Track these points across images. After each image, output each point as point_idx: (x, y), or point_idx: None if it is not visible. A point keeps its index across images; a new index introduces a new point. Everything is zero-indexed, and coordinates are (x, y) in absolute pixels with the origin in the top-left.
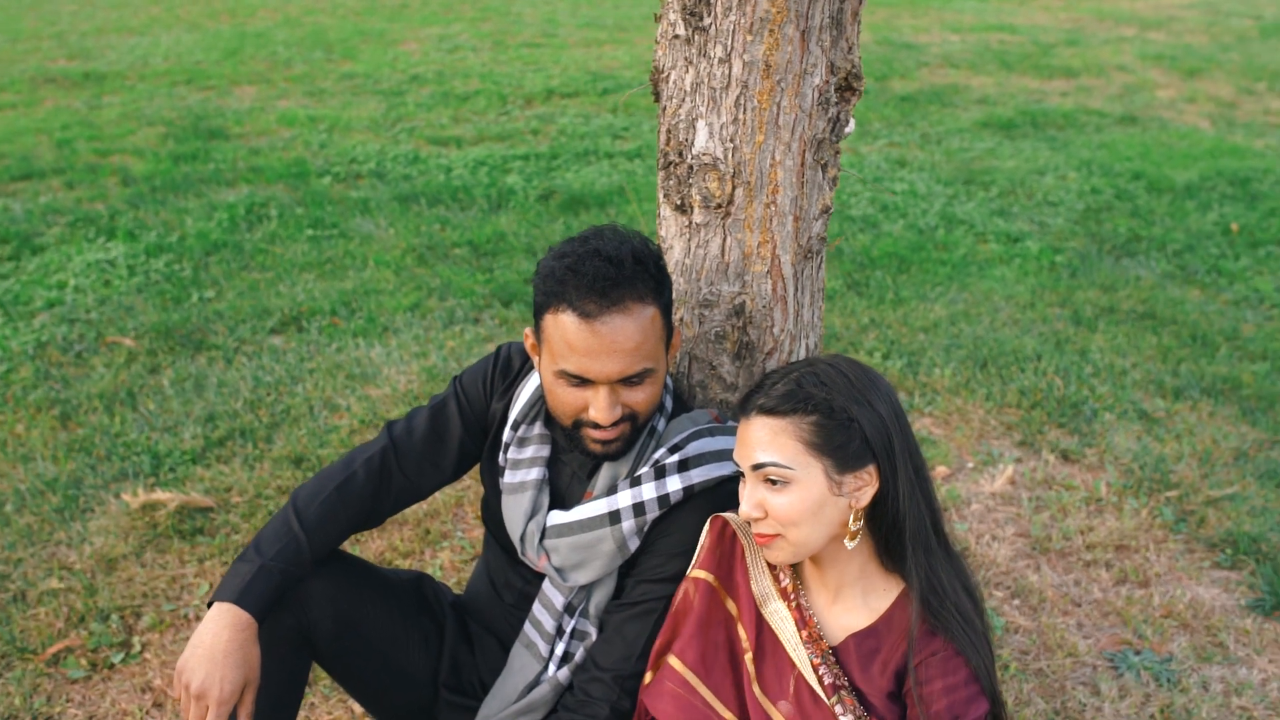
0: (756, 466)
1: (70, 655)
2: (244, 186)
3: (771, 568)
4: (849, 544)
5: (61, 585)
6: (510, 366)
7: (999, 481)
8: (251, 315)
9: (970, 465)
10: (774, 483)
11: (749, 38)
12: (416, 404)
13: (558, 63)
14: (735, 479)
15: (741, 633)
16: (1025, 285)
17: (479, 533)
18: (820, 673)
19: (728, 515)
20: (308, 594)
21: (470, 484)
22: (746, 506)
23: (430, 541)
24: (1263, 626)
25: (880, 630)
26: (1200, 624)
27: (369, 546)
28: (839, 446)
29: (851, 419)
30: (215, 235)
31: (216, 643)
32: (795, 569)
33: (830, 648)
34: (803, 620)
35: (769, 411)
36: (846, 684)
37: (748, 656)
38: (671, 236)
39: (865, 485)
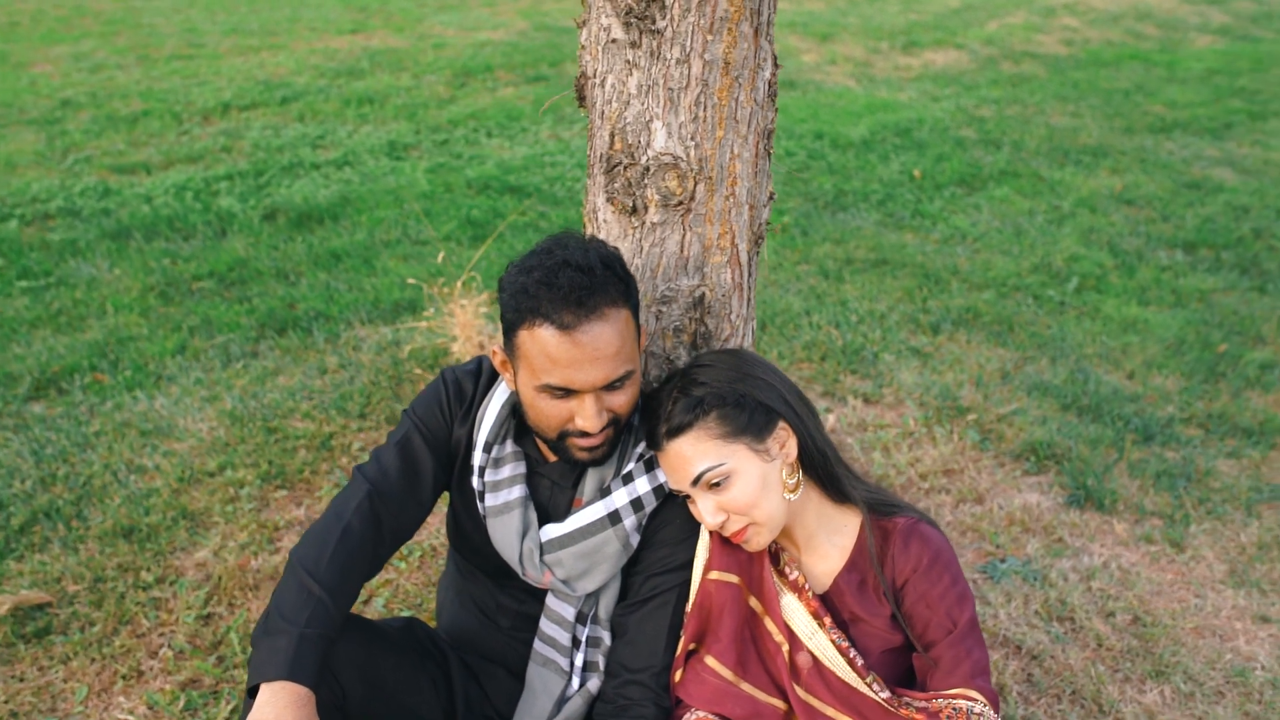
0: (696, 480)
1: None
2: None
3: (774, 563)
4: (792, 497)
5: None
6: (463, 391)
7: None
8: None
9: None
10: (717, 485)
11: (709, 37)
12: (230, 452)
13: (219, 74)
14: None
15: (771, 627)
16: (765, 248)
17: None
18: (851, 655)
19: None
20: (334, 661)
21: None
22: (709, 517)
23: None
24: (1084, 518)
25: (857, 561)
26: (1038, 525)
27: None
28: (747, 423)
29: (742, 396)
30: None
31: None
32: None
33: (819, 594)
34: (823, 609)
35: (677, 431)
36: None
37: (785, 649)
38: (614, 238)
39: (787, 440)
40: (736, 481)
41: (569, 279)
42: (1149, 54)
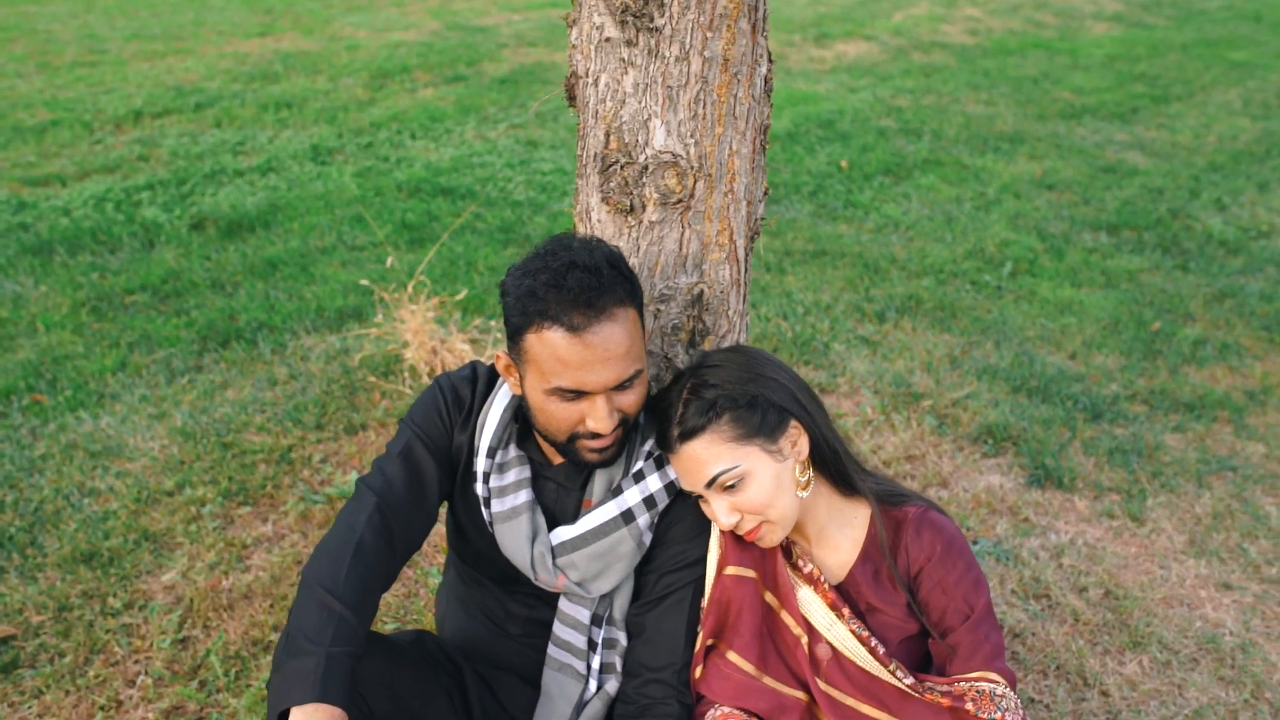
0: (710, 483)
1: None
2: None
3: (787, 557)
4: (804, 494)
5: None
6: (460, 398)
7: None
8: None
9: None
10: (731, 487)
11: (709, 34)
12: (186, 469)
13: (126, 81)
14: None
15: (788, 620)
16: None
17: None
18: (872, 644)
19: None
20: (359, 678)
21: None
22: (724, 518)
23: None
24: (1046, 497)
25: (870, 551)
26: (1003, 506)
27: (234, 624)
28: (760, 425)
29: (754, 397)
30: None
31: None
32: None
33: (834, 586)
34: (841, 600)
35: (690, 435)
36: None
37: (804, 640)
38: (610, 238)
39: (799, 439)
40: (751, 483)
41: (577, 280)
42: (1050, 42)
